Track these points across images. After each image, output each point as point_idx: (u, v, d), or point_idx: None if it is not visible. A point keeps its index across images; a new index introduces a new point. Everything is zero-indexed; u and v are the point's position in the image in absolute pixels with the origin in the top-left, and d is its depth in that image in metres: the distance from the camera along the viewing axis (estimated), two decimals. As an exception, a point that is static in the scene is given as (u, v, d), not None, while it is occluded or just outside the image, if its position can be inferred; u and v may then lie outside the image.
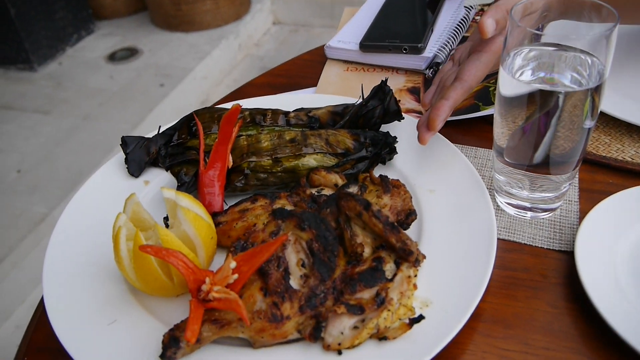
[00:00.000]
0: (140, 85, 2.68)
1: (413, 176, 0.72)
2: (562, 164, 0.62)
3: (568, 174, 0.63)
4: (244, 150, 0.71)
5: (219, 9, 3.17)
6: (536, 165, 0.62)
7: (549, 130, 0.58)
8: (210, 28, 3.15)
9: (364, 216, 0.58)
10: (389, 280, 0.55)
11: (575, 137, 0.58)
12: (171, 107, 2.56)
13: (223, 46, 3.02)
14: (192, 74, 2.74)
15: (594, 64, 0.57)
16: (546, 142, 0.59)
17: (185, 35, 3.11)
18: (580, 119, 0.57)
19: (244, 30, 3.23)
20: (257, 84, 0.99)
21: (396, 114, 0.76)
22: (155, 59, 2.89)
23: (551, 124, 0.57)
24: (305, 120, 0.76)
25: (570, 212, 0.68)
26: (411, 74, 0.94)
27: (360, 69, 0.97)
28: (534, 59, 0.60)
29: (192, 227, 0.56)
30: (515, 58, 0.60)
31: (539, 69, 0.61)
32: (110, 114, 2.49)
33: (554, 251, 0.64)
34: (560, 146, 0.59)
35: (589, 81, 0.58)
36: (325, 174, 0.68)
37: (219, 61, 2.97)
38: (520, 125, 0.60)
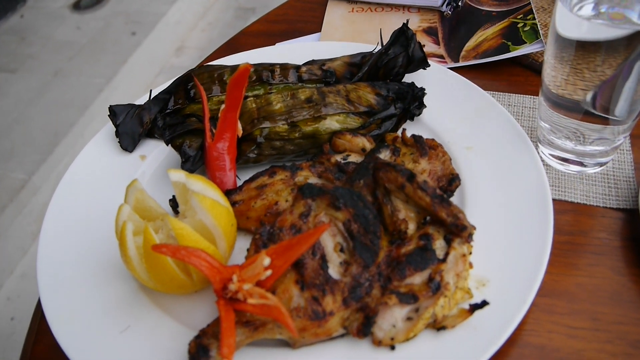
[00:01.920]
0: (111, 35, 2.50)
1: (446, 133, 0.64)
2: (631, 112, 0.54)
3: (629, 123, 0.55)
4: (253, 115, 0.62)
5: (187, -54, 2.94)
6: (594, 114, 0.54)
7: (634, 75, 0.50)
8: (179, -32, 2.94)
9: (408, 189, 0.50)
10: (442, 261, 0.48)
11: None
12: (146, 57, 2.40)
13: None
14: (165, 20, 2.57)
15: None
16: (630, 89, 0.50)
17: (153, -23, 2.89)
18: None
19: (215, -32, 3.02)
20: (252, 33, 0.89)
21: (422, 61, 0.67)
22: (124, 5, 2.70)
23: (635, 69, 0.49)
24: (319, 75, 0.67)
25: (624, 164, 0.61)
26: (425, 12, 0.84)
27: (367, 9, 0.87)
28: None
29: (209, 215, 0.48)
30: (574, -10, 0.51)
31: (603, 1, 0.52)
32: (82, 68, 2.33)
33: (612, 209, 0.58)
34: (626, 92, 0.51)
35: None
36: (350, 138, 0.59)
37: (192, 4, 2.78)
38: (611, 74, 0.51)
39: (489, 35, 0.77)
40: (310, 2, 0.92)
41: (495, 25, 0.78)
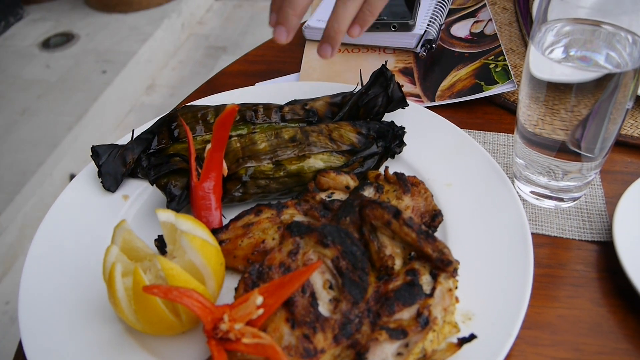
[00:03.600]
0: (81, 73, 2.49)
1: (426, 170, 0.65)
2: (601, 149, 0.56)
3: (599, 160, 0.58)
4: (238, 155, 0.63)
5: (157, -13, 2.98)
6: (567, 151, 0.57)
7: (601, 115, 0.52)
8: (150, 7, 2.97)
9: (394, 225, 0.51)
10: (429, 296, 0.49)
11: (618, 120, 0.53)
12: (116, 95, 2.40)
13: (165, 26, 2.85)
14: (136, 58, 2.57)
15: (636, 42, 0.52)
16: (598, 128, 0.53)
17: (124, 17, 2.91)
18: (625, 101, 0.52)
19: (186, 8, 3.06)
20: (232, 73, 0.90)
21: (401, 101, 0.69)
22: (94, 43, 2.70)
23: (607, 108, 0.52)
24: (301, 115, 0.68)
25: (596, 198, 0.64)
26: (401, 53, 0.87)
27: (344, 50, 0.89)
28: (567, 35, 0.55)
29: (199, 255, 0.48)
30: (547, 34, 0.54)
31: (571, 45, 0.55)
32: (51, 106, 2.31)
33: (587, 242, 0.60)
34: (597, 129, 0.54)
35: (630, 61, 0.53)
36: (334, 176, 0.61)
37: (163, 43, 2.81)
38: (553, 108, 0.54)
39: (462, 75, 0.80)
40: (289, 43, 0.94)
41: (467, 66, 0.81)
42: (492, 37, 0.85)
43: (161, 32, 2.81)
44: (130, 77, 2.53)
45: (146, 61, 2.66)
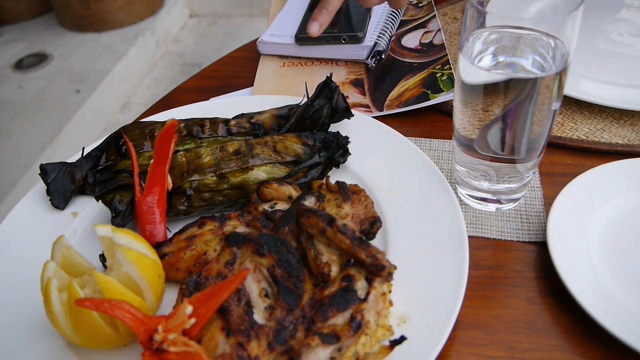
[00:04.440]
0: (54, 93, 2.49)
1: (370, 177, 0.67)
2: (528, 150, 0.58)
3: (533, 161, 0.60)
4: (183, 169, 0.64)
5: (132, 5, 3.00)
6: (501, 154, 0.58)
7: (523, 117, 0.54)
8: (124, 26, 2.98)
9: (329, 232, 0.52)
10: (363, 300, 0.50)
11: (544, 121, 0.55)
12: (90, 114, 2.40)
13: (140, 44, 2.86)
14: (110, 77, 2.58)
15: (558, 46, 0.54)
16: (509, 128, 0.55)
17: (98, 36, 2.92)
18: (550, 103, 0.54)
19: (160, 25, 3.08)
20: (187, 89, 0.91)
21: (345, 111, 0.71)
22: (68, 63, 2.70)
23: (527, 110, 0.53)
24: (247, 128, 0.69)
25: (535, 200, 0.66)
26: (352, 65, 0.89)
27: (297, 64, 0.91)
28: (494, 42, 0.57)
29: (135, 268, 0.49)
30: (475, 42, 0.56)
31: (499, 52, 0.57)
32: (24, 127, 2.31)
33: (525, 243, 0.62)
34: (526, 131, 0.56)
35: (553, 64, 0.55)
36: (277, 187, 0.62)
37: (137, 61, 2.82)
38: (497, 115, 0.56)
39: (410, 85, 0.82)
40: (243, 58, 0.96)
41: (416, 75, 0.83)
42: (440, 47, 0.87)
43: (135, 50, 2.82)
44: (104, 96, 2.53)
45: (121, 79, 2.67)
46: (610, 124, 0.74)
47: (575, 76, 0.79)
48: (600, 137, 0.72)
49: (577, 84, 0.77)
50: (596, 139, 0.72)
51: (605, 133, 0.73)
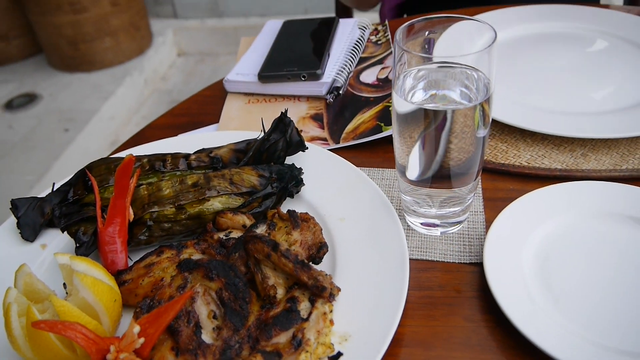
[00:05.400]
0: (43, 133, 2.54)
1: (322, 206, 0.71)
2: (462, 175, 0.63)
3: (470, 185, 0.64)
4: (144, 201, 0.68)
5: (120, 45, 3.08)
6: (438, 180, 0.63)
7: (440, 145, 0.59)
8: (112, 66, 3.06)
9: (273, 257, 0.56)
10: (305, 320, 0.54)
11: (470, 148, 0.60)
12: (79, 152, 2.45)
13: (128, 83, 2.93)
14: (98, 116, 2.64)
15: (480, 77, 0.59)
16: (440, 156, 0.60)
17: (87, 76, 2.99)
18: (472, 130, 0.58)
19: (148, 64, 3.16)
20: (158, 126, 0.96)
21: (299, 144, 0.75)
22: (57, 103, 2.76)
23: (441, 138, 0.58)
24: (207, 162, 0.74)
25: (477, 224, 0.70)
26: (313, 100, 0.94)
27: (262, 100, 0.96)
28: (423, 78, 0.62)
29: (90, 293, 0.53)
30: (406, 79, 0.61)
31: (430, 87, 0.62)
32: (13, 166, 2.35)
33: (466, 264, 0.66)
34: (455, 158, 0.61)
35: (477, 95, 0.60)
36: (231, 216, 0.66)
37: (125, 99, 2.88)
38: (416, 143, 0.60)
39: (366, 118, 0.87)
40: (212, 96, 1.01)
41: (371, 109, 0.88)
42: (395, 83, 0.93)
43: (123, 89, 2.89)
44: (92, 135, 2.58)
45: (109, 118, 2.72)
46: (551, 151, 0.79)
47: (518, 105, 0.84)
48: (540, 163, 0.77)
49: (520, 114, 0.82)
50: (537, 165, 0.76)
51: (545, 159, 0.77)
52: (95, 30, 2.98)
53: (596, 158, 0.77)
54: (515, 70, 0.95)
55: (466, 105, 0.59)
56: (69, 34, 2.94)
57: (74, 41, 2.96)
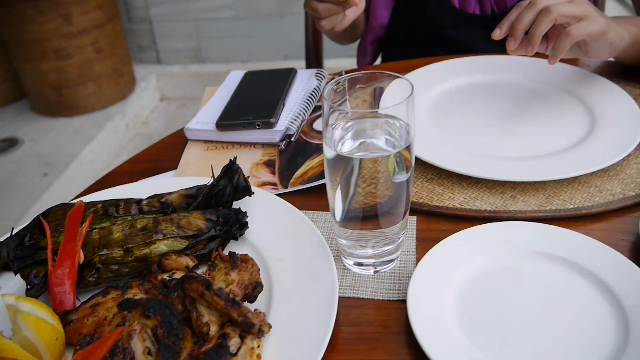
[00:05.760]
0: (22, 177, 2.58)
1: (264, 247, 0.76)
2: (390, 215, 0.68)
3: (398, 224, 0.69)
4: (95, 244, 0.72)
5: (103, 91, 3.16)
6: (367, 221, 0.68)
7: (351, 189, 0.65)
8: (95, 111, 3.12)
9: (207, 296, 0.61)
10: (233, 355, 0.58)
11: (387, 192, 0.65)
12: (57, 197, 2.48)
13: (109, 128, 2.99)
14: (78, 160, 2.69)
15: (402, 126, 0.65)
16: (351, 199, 0.65)
17: (69, 120, 3.06)
18: (387, 176, 0.64)
19: (131, 109, 3.23)
20: (121, 172, 1.01)
21: (245, 190, 0.80)
22: (38, 147, 2.81)
23: (351, 184, 0.64)
24: (157, 207, 0.78)
25: (409, 263, 0.75)
26: (267, 147, 1.00)
27: (220, 147, 1.02)
28: (352, 128, 0.68)
29: (32, 331, 0.56)
30: (335, 130, 0.67)
31: (358, 135, 0.68)
32: (-10, 210, 2.38)
33: (395, 301, 0.70)
34: (370, 202, 0.66)
35: (400, 142, 0.66)
36: (175, 258, 0.70)
37: (107, 144, 2.94)
38: (338, 188, 0.66)
39: (314, 164, 0.92)
40: (174, 143, 1.07)
41: (320, 155, 0.94)
42: (344, 130, 0.99)
43: (105, 133, 2.94)
44: (72, 179, 2.62)
45: (89, 162, 2.77)
46: (483, 193, 0.84)
47: (455, 151, 0.90)
48: (472, 205, 0.82)
49: (456, 159, 0.88)
50: (469, 207, 0.82)
51: (477, 201, 0.83)
52: (78, 76, 3.05)
53: (524, 200, 0.83)
54: (455, 118, 1.01)
55: (377, 154, 0.65)
56: (53, 80, 3.01)
57: (57, 87, 3.03)
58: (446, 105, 1.05)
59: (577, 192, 0.84)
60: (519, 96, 1.06)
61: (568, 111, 1.00)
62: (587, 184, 0.85)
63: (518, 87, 1.08)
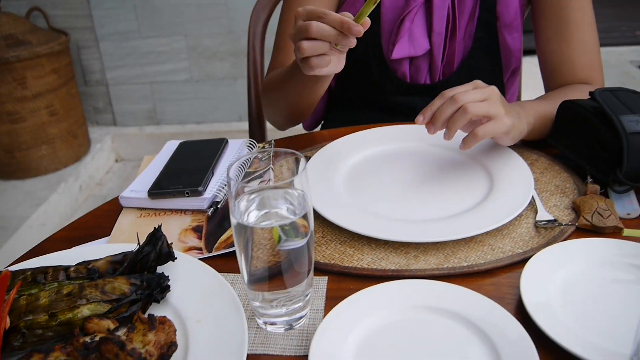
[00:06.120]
0: (-30, 241, 2.57)
1: (184, 309, 0.82)
2: (292, 275, 0.76)
3: (304, 283, 0.77)
4: (22, 310, 0.77)
5: (56, 153, 3.19)
6: (272, 283, 0.75)
7: (249, 255, 0.73)
8: (48, 173, 3.15)
9: (121, 356, 0.66)
10: (144, 411, 0.63)
11: (275, 259, 0.74)
12: (5, 260, 2.47)
13: (62, 190, 3.01)
14: (28, 223, 2.69)
15: (300, 195, 0.74)
16: (250, 264, 0.74)
17: (22, 183, 3.07)
18: (273, 244, 0.72)
19: (85, 171, 3.26)
20: (56, 239, 1.06)
21: (168, 255, 0.87)
22: (-12, 211, 2.81)
23: (249, 249, 0.72)
24: (84, 273, 0.84)
25: (317, 320, 0.82)
26: (197, 213, 1.07)
27: (152, 214, 1.08)
28: (255, 199, 0.76)
29: (-48, 395, 0.61)
30: (240, 202, 0.75)
31: (262, 206, 0.76)
32: None
33: (301, 356, 0.77)
34: (262, 267, 0.74)
35: (298, 210, 0.74)
36: (97, 321, 0.76)
37: (58, 206, 2.95)
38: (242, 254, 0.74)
39: (238, 229, 1.00)
40: (109, 210, 1.13)
41: (245, 221, 1.02)
42: (268, 196, 1.07)
43: (57, 195, 2.96)
44: (21, 242, 2.62)
45: (40, 225, 2.78)
46: (389, 253, 0.93)
47: (364, 214, 0.99)
48: (378, 265, 0.91)
49: (365, 222, 0.96)
50: (375, 267, 0.90)
51: (383, 261, 0.91)
52: (32, 139, 3.09)
53: (424, 259, 0.92)
54: (369, 184, 1.11)
55: (265, 224, 0.74)
56: (5, 143, 3.04)
57: (9, 149, 3.05)
58: (363, 172, 1.15)
59: (472, 250, 0.93)
60: (429, 162, 1.17)
61: (470, 175, 1.11)
62: (482, 243, 0.95)
63: (429, 154, 1.20)
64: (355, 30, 0.93)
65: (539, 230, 0.97)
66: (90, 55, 3.52)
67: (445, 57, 1.40)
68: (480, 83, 1.05)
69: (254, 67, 1.80)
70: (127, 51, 3.50)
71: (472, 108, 0.99)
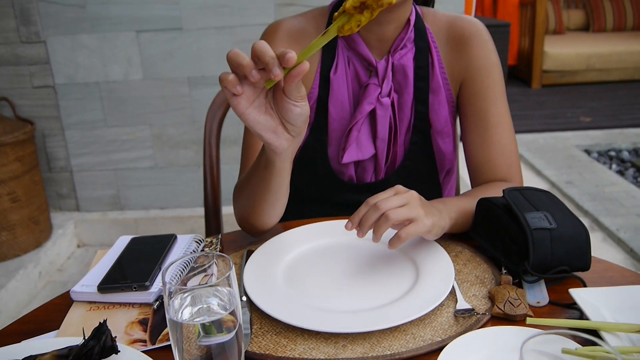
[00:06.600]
0: None
1: (123, 401, 0.88)
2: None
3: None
4: (-33, 406, 0.82)
5: (17, 239, 3.20)
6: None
7: (179, 347, 0.81)
8: (6, 259, 3.14)
9: None
10: None
11: (198, 353, 0.81)
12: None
13: (20, 277, 3.01)
14: (-17, 311, 2.67)
15: (229, 292, 0.83)
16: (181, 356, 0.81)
17: (-21, 270, 3.05)
18: (193, 340, 0.80)
19: (45, 257, 3.27)
20: (6, 333, 1.11)
21: (112, 349, 0.93)
22: (-58, 299, 2.78)
23: (178, 343, 0.80)
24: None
25: (248, 409, 0.88)
26: (144, 306, 1.14)
27: (102, 308, 1.15)
28: (188, 297, 0.84)
29: None
30: (175, 301, 0.84)
31: (196, 302, 0.85)
32: None
33: None
34: (192, 358, 0.81)
35: (230, 306, 0.83)
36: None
37: (16, 293, 2.94)
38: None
39: (182, 321, 1.07)
40: (60, 304, 1.19)
41: (188, 313, 1.09)
42: (212, 289, 1.15)
43: (15, 282, 2.95)
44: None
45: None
46: (320, 344, 1.01)
47: (298, 306, 1.07)
48: (309, 355, 0.98)
49: (297, 313, 1.05)
50: (306, 356, 0.98)
51: (314, 351, 0.99)
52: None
53: (352, 348, 1.00)
54: (305, 277, 1.20)
55: (189, 320, 0.82)
56: (-35, 230, 3.05)
57: (-31, 237, 3.06)
58: (302, 264, 1.24)
59: (396, 339, 1.02)
60: (362, 255, 1.27)
61: (399, 267, 1.21)
62: (405, 332, 1.04)
63: (363, 247, 1.30)
64: (288, 57, 0.88)
65: (457, 319, 1.06)
66: (55, 143, 3.61)
67: (389, 159, 1.54)
68: (402, 188, 1.17)
69: (209, 160, 1.93)
70: (93, 139, 3.61)
71: (392, 214, 1.11)
